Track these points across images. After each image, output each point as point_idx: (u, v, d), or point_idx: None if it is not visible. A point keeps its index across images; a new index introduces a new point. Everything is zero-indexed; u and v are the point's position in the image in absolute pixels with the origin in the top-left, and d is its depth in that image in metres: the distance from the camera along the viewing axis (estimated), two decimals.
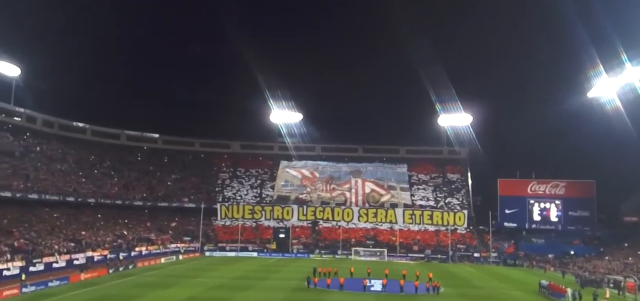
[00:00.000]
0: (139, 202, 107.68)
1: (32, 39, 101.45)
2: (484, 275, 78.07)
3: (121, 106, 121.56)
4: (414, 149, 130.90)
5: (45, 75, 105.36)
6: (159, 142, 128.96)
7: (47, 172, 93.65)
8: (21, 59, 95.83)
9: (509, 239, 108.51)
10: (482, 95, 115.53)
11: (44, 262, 62.72)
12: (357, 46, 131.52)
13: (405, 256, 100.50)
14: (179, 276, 65.98)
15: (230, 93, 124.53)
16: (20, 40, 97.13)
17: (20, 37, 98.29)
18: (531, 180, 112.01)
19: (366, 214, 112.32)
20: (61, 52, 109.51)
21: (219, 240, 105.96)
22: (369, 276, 62.42)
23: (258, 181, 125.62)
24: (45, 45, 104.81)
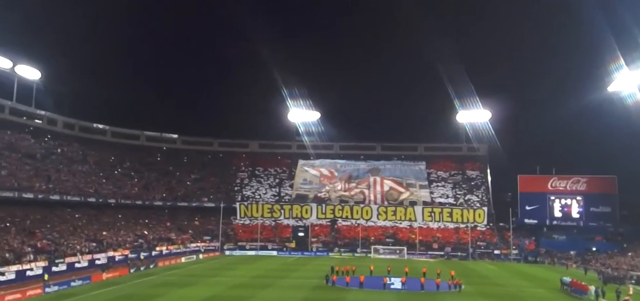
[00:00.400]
0: (159, 202, 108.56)
1: (52, 42, 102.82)
2: (504, 273, 77.46)
3: (140, 107, 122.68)
4: (432, 146, 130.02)
5: (65, 78, 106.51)
6: (178, 143, 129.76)
7: (68, 173, 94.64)
8: (41, 62, 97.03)
9: (530, 236, 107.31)
10: (501, 90, 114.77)
11: (67, 262, 63.47)
12: (374, 44, 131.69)
13: (425, 254, 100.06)
14: (200, 275, 66.30)
15: (248, 92, 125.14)
16: (40, 44, 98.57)
17: (40, 41, 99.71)
18: (552, 176, 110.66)
19: (385, 212, 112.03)
20: (80, 55, 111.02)
21: (239, 239, 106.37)
22: (388, 274, 62.25)
23: (276, 180, 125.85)
24: (64, 49, 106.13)
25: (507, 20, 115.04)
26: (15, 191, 75.64)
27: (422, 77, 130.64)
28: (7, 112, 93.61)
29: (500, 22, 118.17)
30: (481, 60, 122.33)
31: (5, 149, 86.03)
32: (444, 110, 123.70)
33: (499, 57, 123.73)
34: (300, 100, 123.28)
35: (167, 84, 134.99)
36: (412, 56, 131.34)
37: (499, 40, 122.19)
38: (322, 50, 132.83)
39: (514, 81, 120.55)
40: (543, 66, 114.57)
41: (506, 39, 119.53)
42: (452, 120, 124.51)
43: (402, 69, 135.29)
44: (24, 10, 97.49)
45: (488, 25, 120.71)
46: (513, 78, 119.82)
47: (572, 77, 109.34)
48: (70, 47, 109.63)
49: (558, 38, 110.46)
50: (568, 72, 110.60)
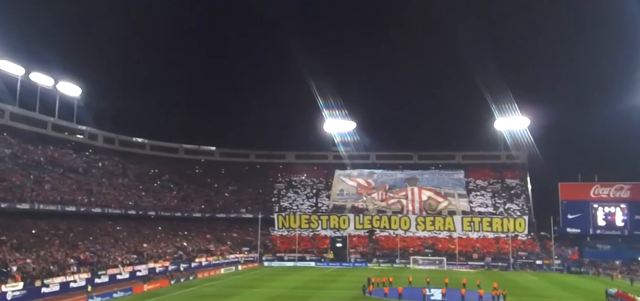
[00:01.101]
0: (197, 213, 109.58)
1: (92, 60, 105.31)
2: (547, 284, 75.74)
3: (178, 121, 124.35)
4: (470, 155, 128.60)
5: (105, 94, 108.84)
6: (216, 155, 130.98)
7: (109, 187, 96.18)
8: (82, 79, 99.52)
9: (573, 245, 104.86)
10: (540, 96, 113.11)
11: (109, 274, 64.30)
12: (410, 52, 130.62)
13: (465, 265, 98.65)
14: (239, 286, 66.51)
15: (285, 103, 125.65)
16: (81, 61, 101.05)
17: (81, 59, 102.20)
18: (594, 184, 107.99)
19: (424, 222, 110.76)
20: (120, 72, 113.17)
21: (277, 250, 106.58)
22: (428, 285, 61.49)
23: (313, 190, 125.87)
24: (104, 66, 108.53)
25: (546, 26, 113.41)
26: (59, 204, 77.06)
27: (459, 85, 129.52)
28: (49, 128, 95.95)
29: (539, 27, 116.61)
30: (520, 66, 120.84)
31: (48, 164, 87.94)
32: (481, 117, 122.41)
33: (538, 63, 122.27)
34: (335, 110, 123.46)
35: (204, 97, 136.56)
36: (450, 63, 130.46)
37: (538, 46, 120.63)
38: (358, 60, 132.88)
39: (554, 87, 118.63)
40: (584, 70, 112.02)
41: (545, 44, 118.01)
42: (490, 127, 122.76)
43: (438, 76, 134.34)
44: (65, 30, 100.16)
45: (527, 31, 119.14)
46: (552, 83, 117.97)
47: (614, 81, 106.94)
48: (110, 64, 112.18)
49: (599, 42, 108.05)
50: (610, 75, 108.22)
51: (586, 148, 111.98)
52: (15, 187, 72.55)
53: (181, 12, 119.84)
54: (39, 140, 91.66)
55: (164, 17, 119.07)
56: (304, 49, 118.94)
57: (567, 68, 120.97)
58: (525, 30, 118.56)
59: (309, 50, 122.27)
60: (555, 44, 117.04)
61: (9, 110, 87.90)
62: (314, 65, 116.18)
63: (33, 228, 70.13)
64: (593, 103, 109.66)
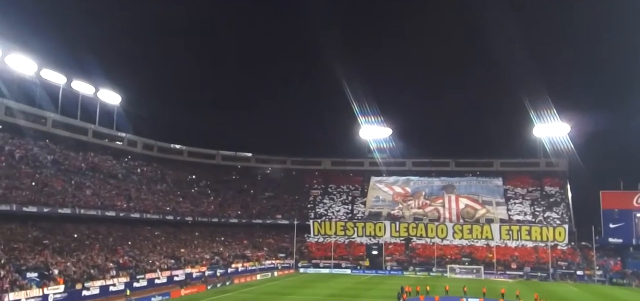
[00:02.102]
0: (234, 219, 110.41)
1: (132, 68, 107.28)
2: (589, 295, 73.92)
3: (216, 128, 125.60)
4: (508, 162, 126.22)
5: (144, 101, 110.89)
6: (253, 161, 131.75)
7: (148, 192, 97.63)
8: (122, 87, 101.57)
9: (615, 256, 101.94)
10: (580, 102, 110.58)
11: (147, 278, 65.19)
12: (448, 57, 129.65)
13: (503, 274, 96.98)
14: (275, 293, 66.65)
15: (320, 110, 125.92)
16: (121, 70, 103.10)
17: (121, 67, 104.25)
18: (637, 192, 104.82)
19: (461, 230, 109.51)
20: (159, 79, 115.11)
21: (313, 257, 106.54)
22: (465, 295, 60.68)
23: (349, 197, 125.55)
24: (143, 74, 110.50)
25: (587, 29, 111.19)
26: (99, 209, 78.56)
27: (497, 90, 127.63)
28: (90, 135, 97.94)
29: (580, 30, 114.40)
30: (560, 70, 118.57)
31: (89, 170, 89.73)
32: (520, 123, 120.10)
33: (579, 67, 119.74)
34: (371, 116, 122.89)
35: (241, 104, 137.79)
36: (488, 68, 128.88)
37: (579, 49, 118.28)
38: (394, 65, 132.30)
39: (595, 92, 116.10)
40: (626, 75, 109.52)
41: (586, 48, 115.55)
42: (528, 134, 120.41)
43: (476, 81, 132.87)
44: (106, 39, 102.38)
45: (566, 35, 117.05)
46: (594, 88, 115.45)
47: None
48: (149, 72, 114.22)
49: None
50: None
51: (629, 155, 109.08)
52: (57, 193, 74.23)
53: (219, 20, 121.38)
54: (80, 147, 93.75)
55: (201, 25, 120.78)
56: (341, 55, 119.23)
57: (609, 72, 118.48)
58: (565, 34, 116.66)
59: (346, 56, 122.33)
60: (596, 47, 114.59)
61: (51, 117, 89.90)
62: (350, 71, 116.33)
63: (74, 233, 71.68)
64: (636, 109, 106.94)
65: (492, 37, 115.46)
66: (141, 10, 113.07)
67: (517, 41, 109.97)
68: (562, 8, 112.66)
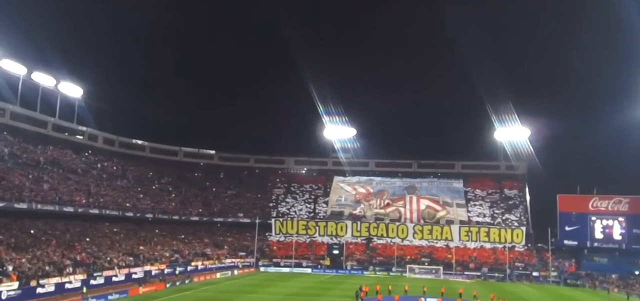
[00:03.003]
0: (195, 217, 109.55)
1: (94, 61, 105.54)
2: (544, 296, 75.72)
3: (179, 124, 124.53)
4: (469, 164, 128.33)
5: (106, 95, 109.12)
6: (215, 159, 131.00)
7: (108, 188, 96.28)
8: (83, 80, 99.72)
9: (570, 258, 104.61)
10: (540, 107, 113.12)
11: (104, 276, 64.32)
12: (411, 60, 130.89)
13: (462, 274, 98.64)
14: (235, 291, 66.50)
15: (285, 109, 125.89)
16: (83, 62, 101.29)
17: (83, 60, 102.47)
18: (593, 196, 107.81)
19: (421, 231, 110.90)
20: (121, 73, 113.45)
21: (274, 256, 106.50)
22: (424, 295, 61.59)
23: (312, 196, 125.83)
24: (106, 67, 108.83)
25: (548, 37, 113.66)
26: (57, 205, 77.08)
27: (460, 94, 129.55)
28: (50, 128, 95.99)
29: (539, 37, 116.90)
30: (520, 77, 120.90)
31: (48, 164, 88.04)
32: (482, 127, 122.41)
33: (540, 74, 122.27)
34: (336, 116, 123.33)
35: (205, 101, 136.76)
36: (451, 72, 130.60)
37: (539, 58, 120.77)
38: (359, 66, 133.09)
39: (555, 98, 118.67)
40: (585, 82, 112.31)
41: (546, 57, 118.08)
42: (490, 137, 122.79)
43: (439, 85, 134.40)
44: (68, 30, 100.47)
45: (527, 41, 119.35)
46: (553, 95, 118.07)
47: (614, 94, 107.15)
48: (112, 65, 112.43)
49: (600, 55, 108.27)
50: (610, 89, 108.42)
51: (586, 160, 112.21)
52: (14, 186, 72.65)
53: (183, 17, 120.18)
54: (39, 140, 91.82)
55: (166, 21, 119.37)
56: (306, 55, 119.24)
57: (569, 80, 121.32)
58: (527, 40, 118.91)
59: (311, 56, 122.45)
60: (556, 54, 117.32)
61: (10, 109, 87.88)
62: (315, 71, 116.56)
63: (31, 228, 70.38)
64: (594, 115, 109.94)
65: (457, 42, 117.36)
66: (105, 2, 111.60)
67: (481, 47, 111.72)
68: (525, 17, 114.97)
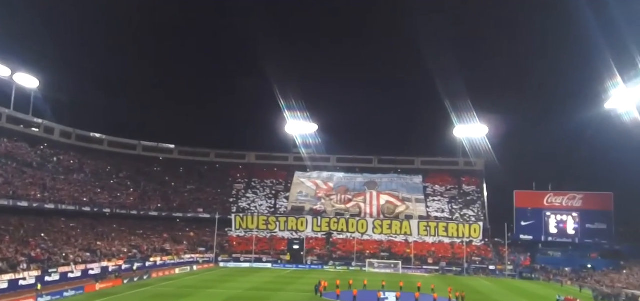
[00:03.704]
0: (154, 212, 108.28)
1: (51, 51, 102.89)
2: (500, 289, 77.27)
3: (138, 117, 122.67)
4: (429, 160, 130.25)
5: (63, 86, 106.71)
6: (175, 153, 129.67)
7: (64, 182, 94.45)
8: (40, 71, 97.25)
9: (525, 252, 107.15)
10: (498, 105, 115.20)
11: (60, 272, 63.14)
12: (373, 57, 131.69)
13: (420, 269, 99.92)
14: (194, 287, 66.07)
15: (246, 104, 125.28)
16: (38, 52, 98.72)
17: (39, 49, 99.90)
18: (548, 192, 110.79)
19: (381, 226, 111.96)
20: (79, 64, 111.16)
21: (234, 251, 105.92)
22: (383, 289, 62.38)
23: (273, 192, 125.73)
24: (63, 57, 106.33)
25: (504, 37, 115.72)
26: (11, 199, 75.33)
27: (420, 92, 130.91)
28: (4, 119, 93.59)
29: (497, 38, 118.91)
30: (479, 75, 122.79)
31: (1, 157, 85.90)
32: (441, 124, 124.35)
33: (497, 72, 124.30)
34: (298, 112, 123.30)
35: (165, 94, 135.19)
36: (412, 70, 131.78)
37: (497, 56, 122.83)
38: (321, 62, 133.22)
39: (512, 96, 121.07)
40: (541, 82, 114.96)
41: (504, 55, 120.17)
42: (449, 134, 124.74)
43: (400, 83, 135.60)
44: (23, 19, 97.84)
45: (486, 42, 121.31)
46: (510, 93, 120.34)
47: (569, 93, 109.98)
48: (69, 55, 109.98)
49: (556, 55, 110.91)
50: (565, 88, 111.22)
51: (542, 157, 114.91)
52: None
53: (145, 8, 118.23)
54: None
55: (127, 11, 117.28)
56: (267, 50, 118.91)
57: (526, 79, 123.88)
58: (485, 40, 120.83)
59: (272, 50, 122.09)
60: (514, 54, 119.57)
61: None
62: (277, 66, 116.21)
63: None
64: (550, 114, 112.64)
65: (418, 41, 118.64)
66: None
67: (441, 46, 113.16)
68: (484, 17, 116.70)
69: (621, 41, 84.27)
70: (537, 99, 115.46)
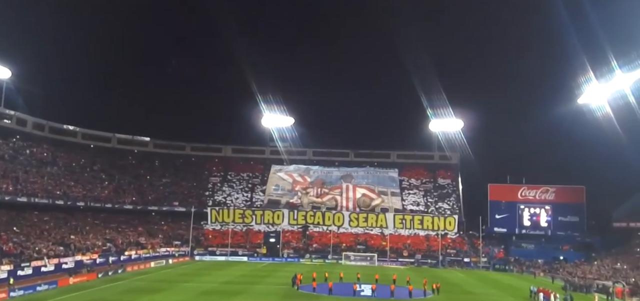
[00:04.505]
0: (129, 205, 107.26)
1: (24, 41, 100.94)
2: (474, 280, 78.22)
3: (112, 109, 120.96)
4: (405, 154, 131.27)
5: (36, 77, 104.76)
6: (150, 146, 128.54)
7: (37, 175, 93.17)
8: (12, 61, 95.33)
9: (499, 244, 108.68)
10: (473, 100, 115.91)
11: (33, 266, 62.37)
12: (348, 51, 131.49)
13: (396, 261, 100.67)
14: (169, 281, 65.75)
15: (222, 97, 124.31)
16: (11, 42, 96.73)
17: (12, 39, 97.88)
18: (521, 186, 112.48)
19: (357, 219, 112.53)
20: (52, 55, 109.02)
21: (209, 245, 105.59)
22: (358, 281, 62.73)
23: (249, 185, 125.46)
24: (36, 48, 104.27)
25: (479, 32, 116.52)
26: None
27: (396, 86, 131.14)
28: None
29: (472, 33, 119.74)
30: (454, 70, 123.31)
31: None
32: (417, 118, 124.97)
33: (472, 68, 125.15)
34: (274, 105, 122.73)
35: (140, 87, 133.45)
36: (387, 64, 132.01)
37: (471, 50, 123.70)
38: (297, 55, 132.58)
39: (486, 91, 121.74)
40: (515, 78, 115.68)
41: (479, 50, 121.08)
42: (425, 128, 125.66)
43: (376, 76, 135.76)
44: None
45: (461, 37, 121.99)
46: (485, 88, 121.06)
47: (543, 88, 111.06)
48: (42, 46, 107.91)
49: (530, 50, 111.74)
50: (539, 84, 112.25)
51: (516, 151, 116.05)
52: None
53: None
54: None
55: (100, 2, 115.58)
56: (244, 42, 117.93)
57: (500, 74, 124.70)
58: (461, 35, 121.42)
59: (249, 43, 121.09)
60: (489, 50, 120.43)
61: None
62: (254, 59, 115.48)
63: None
64: (524, 109, 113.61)
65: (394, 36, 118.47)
66: None
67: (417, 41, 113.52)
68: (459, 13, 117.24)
69: (594, 38, 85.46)
70: (511, 94, 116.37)
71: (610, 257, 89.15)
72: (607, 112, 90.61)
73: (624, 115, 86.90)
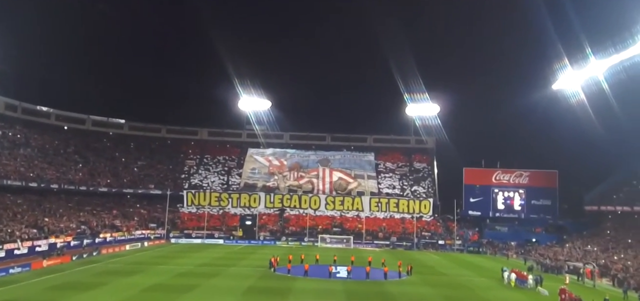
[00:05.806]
0: (104, 188, 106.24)
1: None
2: (448, 262, 79.20)
3: (87, 91, 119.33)
4: (381, 138, 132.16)
5: (7, 57, 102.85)
6: (125, 128, 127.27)
7: (10, 157, 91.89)
8: None
9: (474, 227, 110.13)
10: (449, 85, 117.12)
11: (5, 249, 61.67)
12: (326, 34, 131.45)
13: (371, 244, 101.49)
14: (144, 263, 65.50)
15: (199, 79, 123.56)
16: None
17: None
18: (496, 170, 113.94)
19: (333, 202, 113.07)
20: (25, 34, 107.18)
21: (185, 227, 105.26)
22: (334, 263, 63.19)
23: (225, 168, 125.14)
24: (7, 26, 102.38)
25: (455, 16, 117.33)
26: None
27: (372, 70, 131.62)
28: None
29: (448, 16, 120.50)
30: (430, 54, 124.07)
31: None
32: (393, 103, 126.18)
33: (447, 53, 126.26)
34: (251, 88, 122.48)
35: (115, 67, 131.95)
36: (363, 48, 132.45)
37: (448, 36, 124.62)
38: (274, 39, 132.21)
39: (462, 76, 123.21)
40: (490, 62, 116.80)
41: (455, 35, 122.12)
42: (401, 113, 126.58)
43: (353, 61, 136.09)
44: None
45: (437, 21, 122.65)
46: (460, 73, 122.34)
47: (518, 74, 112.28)
48: (14, 24, 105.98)
49: (505, 36, 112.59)
50: (514, 69, 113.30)
51: (491, 136, 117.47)
52: None
53: None
54: None
55: None
56: (221, 24, 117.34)
57: (475, 59, 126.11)
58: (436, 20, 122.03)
59: (226, 25, 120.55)
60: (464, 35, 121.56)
61: None
62: (230, 41, 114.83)
63: None
64: (499, 94, 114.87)
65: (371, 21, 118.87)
66: None
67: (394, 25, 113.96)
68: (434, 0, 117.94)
69: (569, 25, 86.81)
70: (487, 80, 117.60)
71: (582, 240, 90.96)
72: (581, 98, 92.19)
73: (597, 101, 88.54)
